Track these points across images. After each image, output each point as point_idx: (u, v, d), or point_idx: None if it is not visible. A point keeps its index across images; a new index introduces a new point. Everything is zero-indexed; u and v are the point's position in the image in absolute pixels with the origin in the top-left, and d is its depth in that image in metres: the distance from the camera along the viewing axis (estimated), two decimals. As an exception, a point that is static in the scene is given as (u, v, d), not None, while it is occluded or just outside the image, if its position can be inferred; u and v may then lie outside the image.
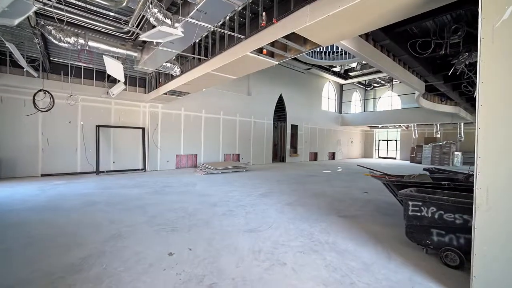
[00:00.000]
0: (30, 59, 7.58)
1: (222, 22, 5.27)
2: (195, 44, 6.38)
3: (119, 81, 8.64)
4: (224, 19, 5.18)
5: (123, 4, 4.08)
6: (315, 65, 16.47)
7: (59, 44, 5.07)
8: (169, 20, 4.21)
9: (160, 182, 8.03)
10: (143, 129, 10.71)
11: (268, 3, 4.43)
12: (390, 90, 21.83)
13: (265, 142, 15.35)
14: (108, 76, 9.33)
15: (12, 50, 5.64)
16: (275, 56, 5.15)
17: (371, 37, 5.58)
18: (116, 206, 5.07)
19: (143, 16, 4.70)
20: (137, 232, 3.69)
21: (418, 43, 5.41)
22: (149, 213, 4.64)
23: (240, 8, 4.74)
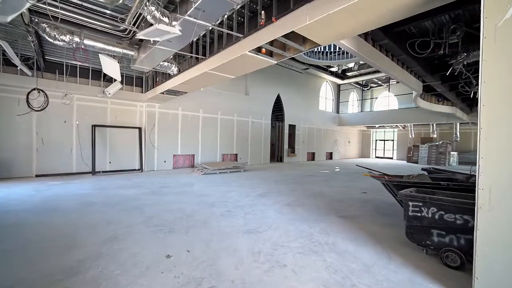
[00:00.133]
0: (24, 57, 7.44)
1: (220, 21, 5.21)
2: (193, 43, 6.32)
3: (115, 80, 8.51)
4: (223, 17, 5.12)
5: (120, 2, 4.01)
6: (313, 65, 16.47)
7: (53, 42, 4.96)
8: (166, 18, 4.15)
9: (157, 182, 7.95)
10: (140, 129, 10.60)
11: (267, 1, 4.39)
12: (387, 90, 21.92)
13: (263, 142, 15.31)
14: (104, 75, 9.21)
15: (5, 48, 5.53)
16: (274, 55, 5.12)
17: (370, 36, 5.57)
18: (112, 207, 4.99)
19: (140, 14, 4.63)
20: (134, 233, 3.63)
21: (417, 43, 5.40)
22: (146, 214, 4.57)
23: (238, 6, 4.70)
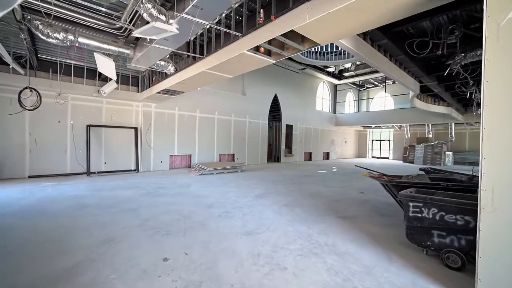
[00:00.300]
0: (16, 55, 7.26)
1: (218, 19, 5.15)
2: (190, 42, 6.23)
3: (110, 79, 8.39)
4: (220, 16, 5.06)
5: (115, -1, 3.93)
6: (310, 65, 16.49)
7: (47, 40, 4.85)
8: (163, 16, 4.07)
9: (154, 183, 7.84)
10: (135, 129, 10.46)
11: (266, 0, 4.34)
12: (383, 90, 22.07)
13: (260, 142, 15.27)
14: (99, 74, 9.07)
15: (-3, 45, 5.38)
16: (272, 54, 5.07)
17: (369, 36, 5.56)
18: (108, 208, 4.89)
19: (136, 12, 4.54)
20: (130, 236, 3.54)
21: (415, 43, 5.41)
22: (142, 216, 4.48)
23: (237, 5, 4.63)
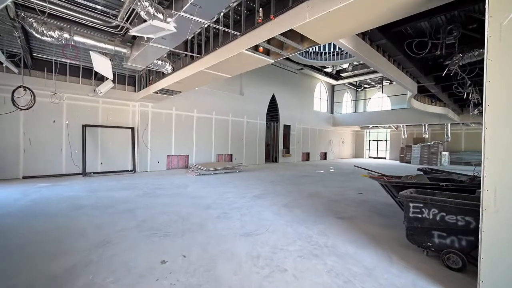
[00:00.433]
0: (10, 54, 7.14)
1: (216, 18, 5.10)
2: (188, 41, 6.17)
3: (107, 78, 8.29)
4: (219, 15, 5.01)
5: (112, -4, 3.86)
6: (308, 65, 16.50)
7: (41, 38, 4.75)
8: (161, 14, 4.01)
9: (151, 183, 7.75)
10: (132, 129, 10.35)
11: (265, -1, 4.30)
12: (380, 91, 22.17)
13: (258, 142, 15.22)
14: (95, 74, 8.95)
15: (-10, 44, 5.28)
16: (271, 54, 5.03)
17: (368, 36, 5.56)
18: (104, 210, 4.81)
19: (133, 10, 4.47)
20: (126, 238, 3.47)
21: (414, 44, 5.42)
22: (139, 217, 4.41)
23: (235, 4, 4.59)
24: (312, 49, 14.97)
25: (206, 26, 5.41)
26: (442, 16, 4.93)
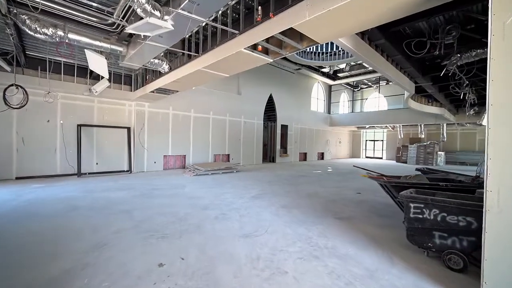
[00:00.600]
0: (2, 51, 6.98)
1: (214, 17, 5.03)
2: (185, 40, 6.09)
3: (102, 77, 8.16)
4: (217, 13, 4.94)
5: (107, -7, 3.77)
6: (305, 65, 16.50)
7: (35, 35, 4.64)
8: (158, 12, 3.94)
9: (147, 184, 7.65)
10: (128, 128, 10.22)
11: (264, -3, 4.24)
12: (377, 91, 22.29)
13: (255, 142, 15.17)
14: (90, 72, 8.80)
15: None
16: (270, 53, 4.98)
17: (367, 36, 5.54)
18: (99, 211, 4.71)
19: (129, 7, 4.38)
20: (123, 240, 3.40)
21: (413, 43, 5.42)
22: (136, 218, 4.33)
23: (233, 2, 4.53)
24: (310, 49, 14.97)
25: (204, 24, 5.34)
26: (441, 16, 4.94)
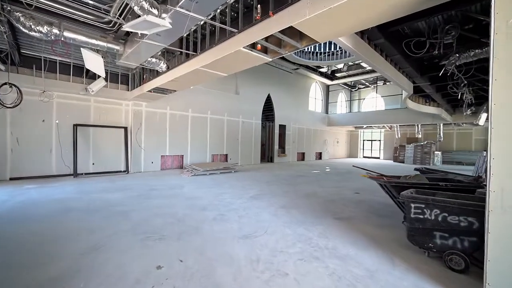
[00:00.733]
0: (-4, 50, 6.86)
1: (212, 15, 4.97)
2: (183, 39, 6.03)
3: (99, 76, 8.07)
4: (215, 12, 4.88)
5: (104, -10, 3.70)
6: (303, 65, 16.48)
7: (29, 33, 4.54)
8: (155, 10, 3.87)
9: (145, 184, 7.57)
10: (125, 128, 10.11)
11: (263, -5, 4.20)
12: (374, 91, 22.37)
13: (253, 142, 15.13)
14: (87, 71, 8.69)
15: (-26, 39, 5.03)
16: (269, 52, 4.94)
17: (366, 35, 5.53)
18: (96, 212, 4.63)
19: (126, 5, 4.31)
20: (120, 242, 3.33)
21: (412, 43, 5.41)
22: (133, 219, 4.26)
23: (232, 1, 4.47)
24: (308, 49, 14.96)
25: (202, 23, 5.29)
26: (439, 16, 4.94)
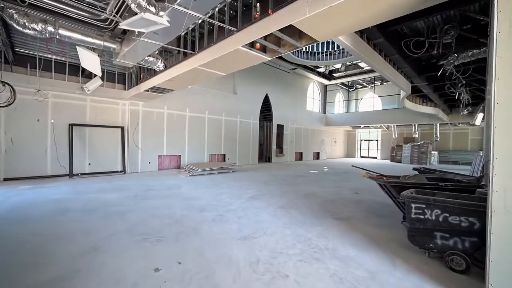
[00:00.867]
0: (-11, 48, 6.73)
1: (211, 14, 4.92)
2: (181, 38, 5.96)
3: (95, 76, 7.95)
4: (213, 10, 4.84)
5: (100, -13, 3.63)
6: (301, 65, 16.47)
7: (23, 31, 4.44)
8: (153, 7, 3.81)
9: (142, 185, 7.49)
10: (122, 128, 10.00)
11: (262, -7, 4.15)
12: (372, 91, 22.45)
13: (251, 142, 15.08)
14: (83, 70, 8.57)
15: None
16: (268, 51, 4.89)
17: (366, 35, 5.51)
18: (92, 213, 4.56)
19: (123, 2, 4.24)
20: (116, 243, 3.27)
21: (411, 43, 5.41)
22: (130, 220, 4.19)
23: (231, -2, 4.43)
24: (305, 48, 14.95)
25: (200, 21, 5.23)
26: (438, 15, 4.94)
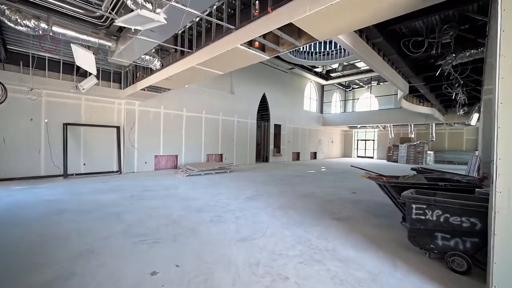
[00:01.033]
0: (-19, 46, 6.57)
1: (208, 12, 4.85)
2: (178, 36, 5.88)
3: (90, 74, 7.82)
4: (211, 8, 4.77)
5: (95, -17, 3.54)
6: (298, 64, 16.47)
7: (15, 27, 4.33)
8: (149, 4, 3.74)
9: (138, 185, 7.38)
10: (118, 128, 9.86)
11: (261, -9, 4.10)
12: (369, 91, 22.55)
13: (248, 142, 15.02)
14: (77, 69, 8.42)
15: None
16: (267, 50, 4.85)
17: (365, 34, 5.49)
18: (87, 214, 4.46)
19: (119, -1, 4.16)
20: (113, 245, 3.19)
21: (410, 43, 5.41)
22: (126, 221, 4.11)
23: (229, -4, 4.37)
24: (303, 48, 14.94)
25: (198, 19, 5.16)
26: (437, 15, 4.94)
